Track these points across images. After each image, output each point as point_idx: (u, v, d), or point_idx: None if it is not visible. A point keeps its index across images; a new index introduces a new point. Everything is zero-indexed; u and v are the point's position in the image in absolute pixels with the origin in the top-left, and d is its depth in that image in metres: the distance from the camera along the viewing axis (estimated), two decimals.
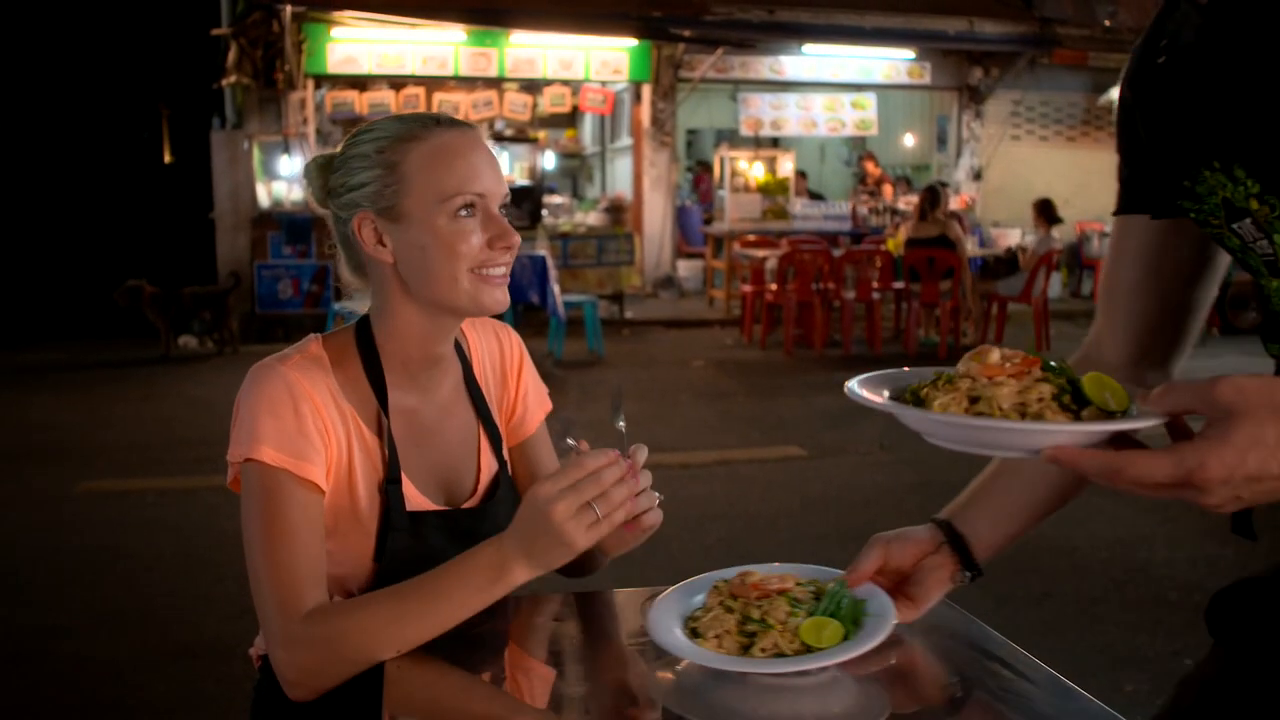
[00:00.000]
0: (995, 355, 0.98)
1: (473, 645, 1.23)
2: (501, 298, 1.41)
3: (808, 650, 1.15)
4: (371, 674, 1.20)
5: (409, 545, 1.40)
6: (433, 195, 1.35)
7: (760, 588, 1.22)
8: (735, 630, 1.18)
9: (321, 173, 1.45)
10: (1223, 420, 0.81)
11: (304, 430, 1.32)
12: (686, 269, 13.03)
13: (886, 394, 1.00)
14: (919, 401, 0.97)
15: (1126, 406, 0.91)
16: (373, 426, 1.42)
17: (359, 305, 1.52)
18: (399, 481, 1.41)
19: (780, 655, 1.15)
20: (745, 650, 1.16)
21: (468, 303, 1.39)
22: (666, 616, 1.22)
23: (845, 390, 1.01)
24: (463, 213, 1.36)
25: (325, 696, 1.40)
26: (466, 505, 1.50)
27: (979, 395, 0.94)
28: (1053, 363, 0.98)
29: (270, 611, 1.26)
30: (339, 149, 1.45)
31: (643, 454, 1.23)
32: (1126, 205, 1.20)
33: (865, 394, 0.98)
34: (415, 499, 1.43)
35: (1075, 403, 0.93)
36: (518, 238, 1.40)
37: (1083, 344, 1.29)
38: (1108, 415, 0.90)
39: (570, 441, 1.21)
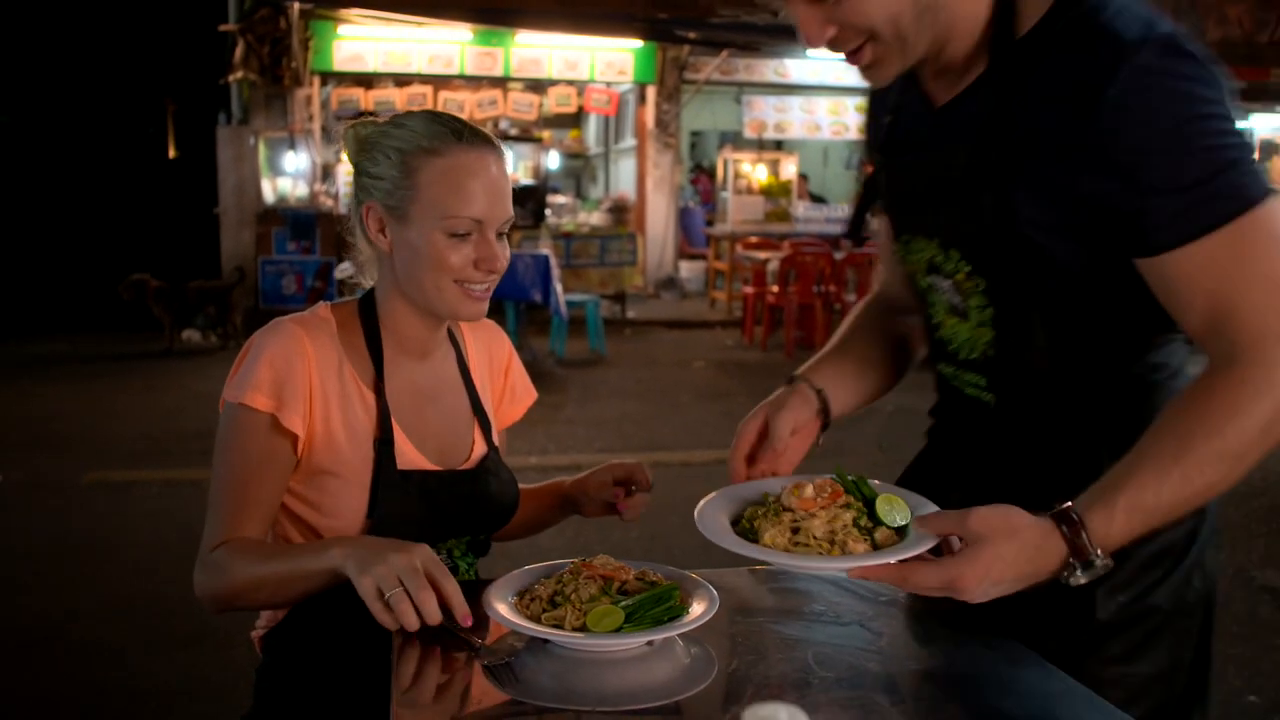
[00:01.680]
0: (809, 490, 1.24)
1: (477, 628, 1.28)
2: (478, 311, 1.51)
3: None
4: (379, 656, 1.24)
5: (400, 502, 1.49)
6: (436, 211, 1.45)
7: (590, 568, 1.30)
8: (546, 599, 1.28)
9: (357, 140, 1.53)
10: (974, 543, 1.10)
11: (293, 382, 1.44)
12: (689, 270, 13.06)
13: (728, 517, 1.28)
14: (753, 531, 1.23)
15: (909, 518, 1.20)
16: (371, 389, 1.52)
17: (364, 278, 1.62)
18: (390, 441, 1.50)
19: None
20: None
21: (446, 310, 1.50)
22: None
23: (695, 519, 1.26)
24: (458, 233, 1.45)
25: (331, 679, 1.46)
26: (461, 468, 1.59)
27: (799, 526, 1.20)
28: (851, 478, 1.26)
29: (206, 532, 1.44)
30: (380, 122, 1.52)
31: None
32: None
33: (708, 530, 1.24)
34: (412, 457, 1.52)
35: (871, 519, 1.21)
36: (504, 263, 1.49)
37: (878, 283, 1.65)
38: (896, 531, 1.19)
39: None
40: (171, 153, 13.44)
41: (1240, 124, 1.13)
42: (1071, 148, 1.14)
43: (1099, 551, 1.08)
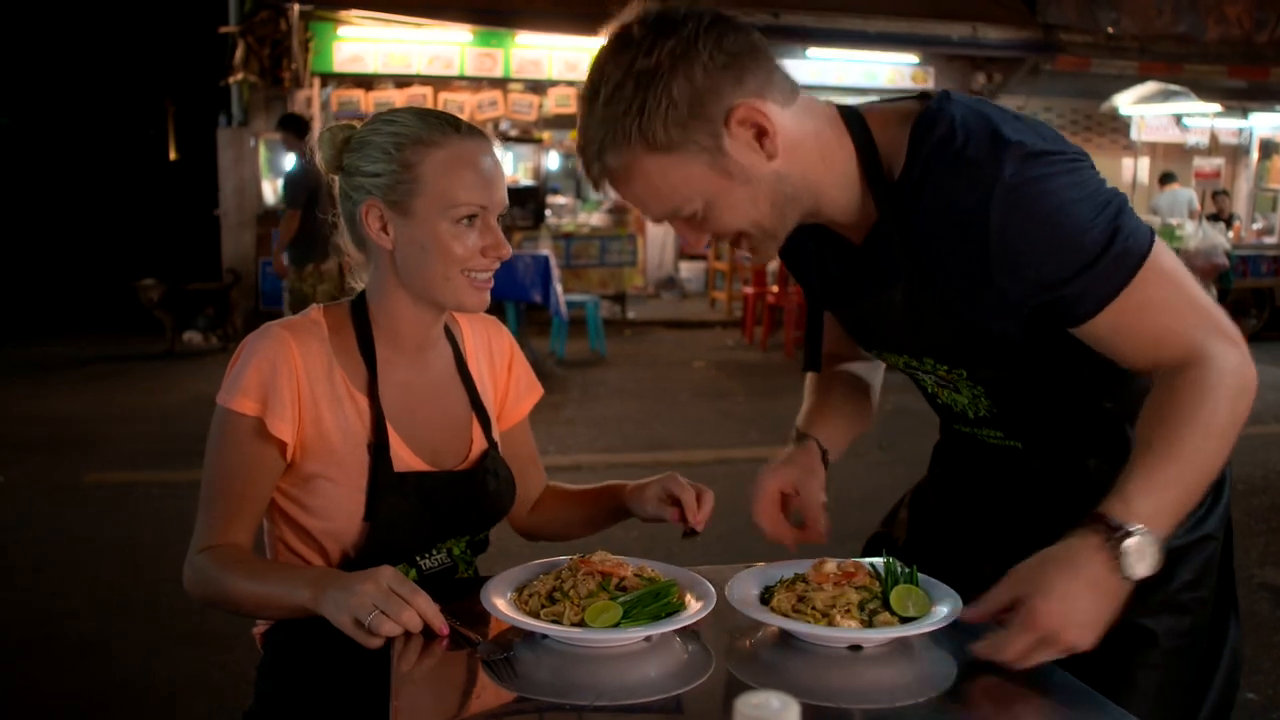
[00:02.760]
0: (829, 566, 1.33)
1: (474, 617, 1.28)
2: (482, 300, 1.52)
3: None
4: (379, 652, 1.25)
5: (396, 505, 1.50)
6: (442, 201, 1.45)
7: (589, 564, 1.32)
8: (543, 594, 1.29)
9: (335, 143, 1.54)
10: (1025, 596, 1.16)
11: (279, 387, 1.45)
12: (689, 270, 13.06)
13: (757, 591, 1.35)
14: (770, 597, 1.31)
15: (924, 611, 1.26)
16: (364, 392, 1.52)
17: (354, 281, 1.62)
18: (386, 444, 1.50)
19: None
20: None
21: (452, 300, 1.51)
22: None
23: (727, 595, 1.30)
24: (465, 221, 1.46)
25: (332, 675, 1.47)
26: (455, 469, 1.59)
27: (805, 596, 1.28)
28: (879, 567, 1.33)
29: (195, 533, 1.48)
30: (359, 127, 1.53)
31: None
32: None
33: (740, 602, 1.29)
34: (408, 459, 1.53)
35: (885, 606, 1.26)
36: (508, 249, 1.51)
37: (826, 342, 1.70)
38: (903, 620, 1.24)
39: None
40: (172, 154, 13.46)
41: (1101, 180, 1.25)
42: (983, 268, 1.25)
43: (1128, 522, 1.16)
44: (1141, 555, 1.15)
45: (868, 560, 1.36)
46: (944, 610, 1.25)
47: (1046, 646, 1.15)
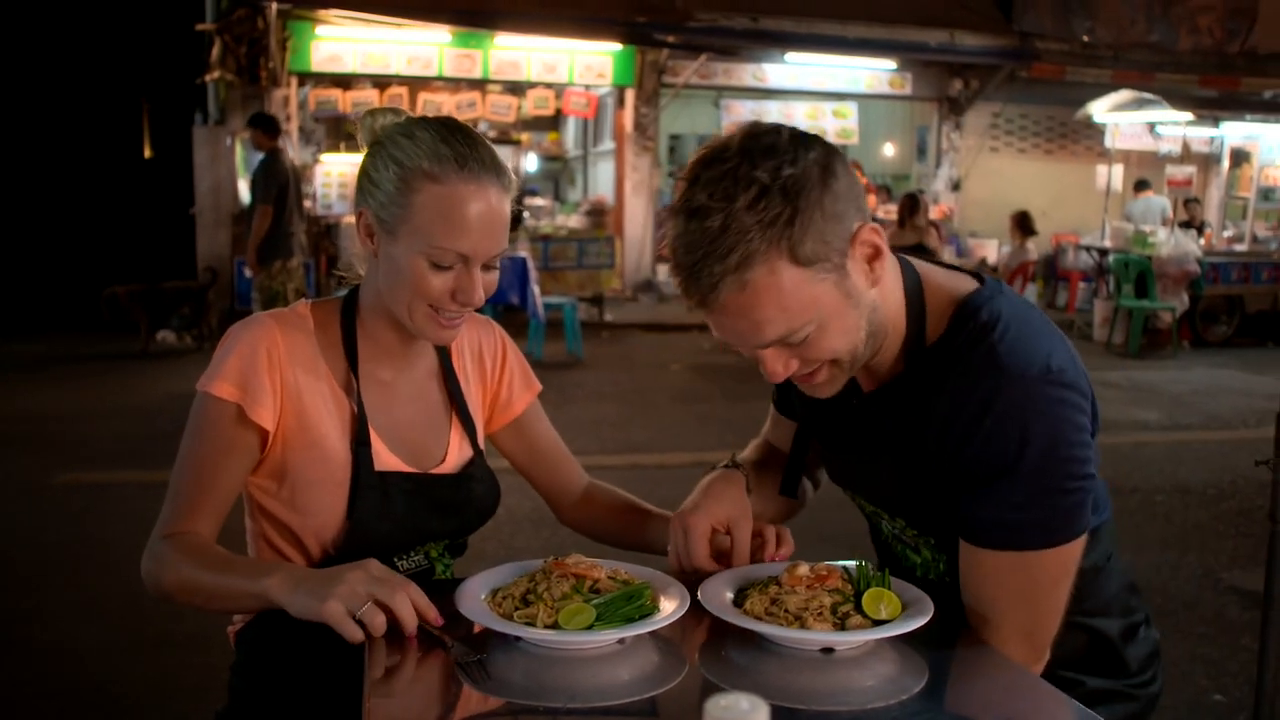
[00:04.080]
0: (803, 569, 1.32)
1: (450, 619, 1.29)
2: (448, 337, 1.51)
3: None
4: (353, 653, 1.25)
5: (378, 503, 1.50)
6: (423, 238, 1.42)
7: (563, 566, 1.32)
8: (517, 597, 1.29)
9: (371, 131, 1.51)
10: None
11: (261, 376, 1.45)
12: (667, 273, 13.04)
13: (731, 593, 1.35)
14: (743, 600, 1.32)
15: (896, 614, 1.26)
16: (346, 390, 1.52)
17: (360, 268, 1.59)
18: (368, 444, 1.50)
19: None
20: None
21: (416, 330, 1.50)
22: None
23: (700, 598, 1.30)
24: (442, 264, 1.43)
25: (305, 675, 1.46)
26: (435, 471, 1.58)
27: (778, 599, 1.28)
28: (851, 570, 1.33)
29: (161, 517, 1.45)
30: (401, 120, 1.50)
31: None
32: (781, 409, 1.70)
33: (713, 605, 1.30)
34: (387, 459, 1.53)
35: (857, 609, 1.27)
36: (479, 299, 1.47)
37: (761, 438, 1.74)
38: (875, 623, 1.25)
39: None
40: (147, 152, 13.34)
41: (1090, 459, 1.28)
42: (966, 455, 1.28)
43: None
44: None
45: (841, 564, 1.37)
46: (916, 613, 1.26)
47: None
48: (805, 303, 1.20)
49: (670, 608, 1.28)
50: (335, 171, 10.81)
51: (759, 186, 1.15)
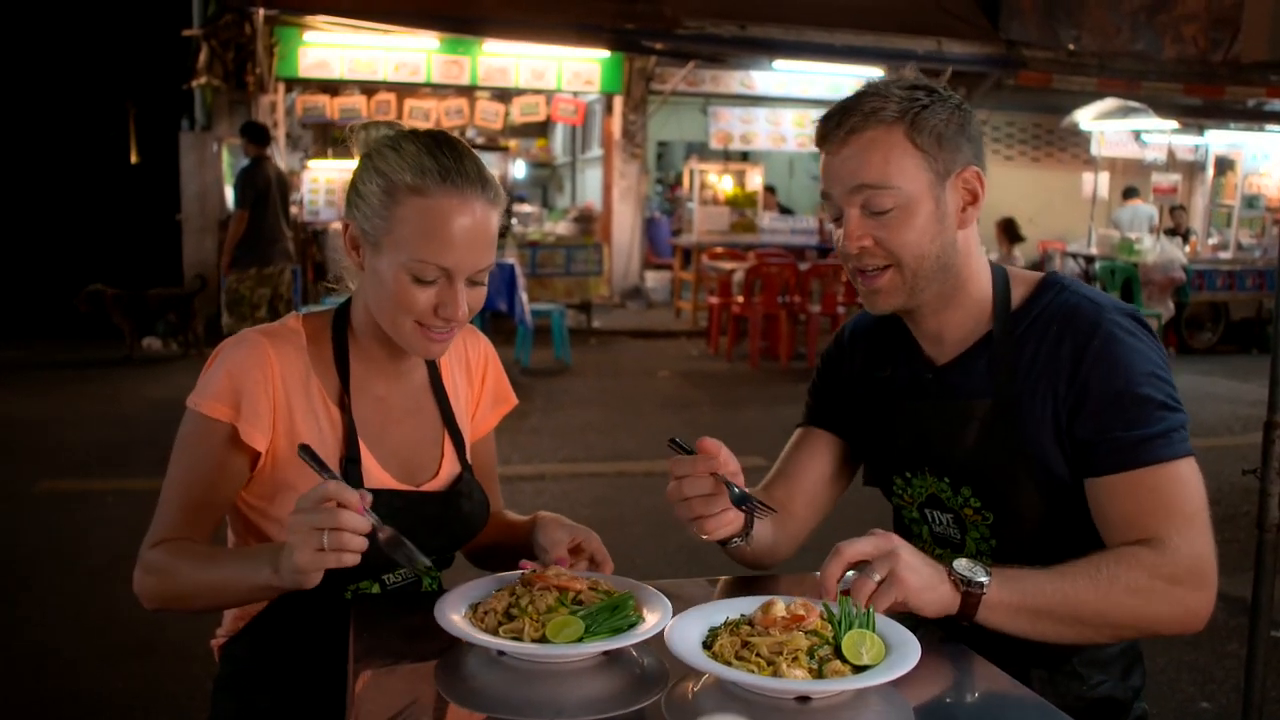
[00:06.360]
0: (779, 607, 1.23)
1: (434, 634, 1.27)
2: (437, 351, 1.48)
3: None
4: (336, 667, 1.24)
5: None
6: (406, 251, 1.40)
7: (544, 579, 1.30)
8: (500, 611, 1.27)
9: (367, 142, 1.48)
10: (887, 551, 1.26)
11: (253, 394, 1.43)
12: (654, 280, 13.07)
13: (700, 634, 1.24)
14: (713, 639, 1.23)
15: (879, 659, 1.17)
16: (339, 405, 1.50)
17: (350, 281, 1.56)
18: (358, 460, 1.48)
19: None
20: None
21: (404, 345, 1.47)
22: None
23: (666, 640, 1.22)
24: (424, 278, 1.40)
25: (289, 690, 1.45)
26: (426, 487, 1.56)
27: (749, 642, 1.19)
28: (833, 608, 1.22)
29: (150, 529, 1.44)
30: (392, 133, 1.47)
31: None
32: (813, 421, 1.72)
33: (680, 649, 1.19)
34: (378, 475, 1.50)
35: (836, 653, 1.17)
36: (463, 316, 1.43)
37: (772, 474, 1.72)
38: (856, 669, 1.16)
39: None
40: (133, 158, 13.27)
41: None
42: (1065, 399, 1.42)
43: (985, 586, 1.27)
44: (973, 571, 1.28)
45: (821, 601, 1.25)
46: (900, 658, 1.17)
47: (890, 585, 1.23)
48: (904, 171, 1.41)
49: (654, 618, 1.27)
50: (322, 178, 10.76)
51: (913, 83, 1.46)
